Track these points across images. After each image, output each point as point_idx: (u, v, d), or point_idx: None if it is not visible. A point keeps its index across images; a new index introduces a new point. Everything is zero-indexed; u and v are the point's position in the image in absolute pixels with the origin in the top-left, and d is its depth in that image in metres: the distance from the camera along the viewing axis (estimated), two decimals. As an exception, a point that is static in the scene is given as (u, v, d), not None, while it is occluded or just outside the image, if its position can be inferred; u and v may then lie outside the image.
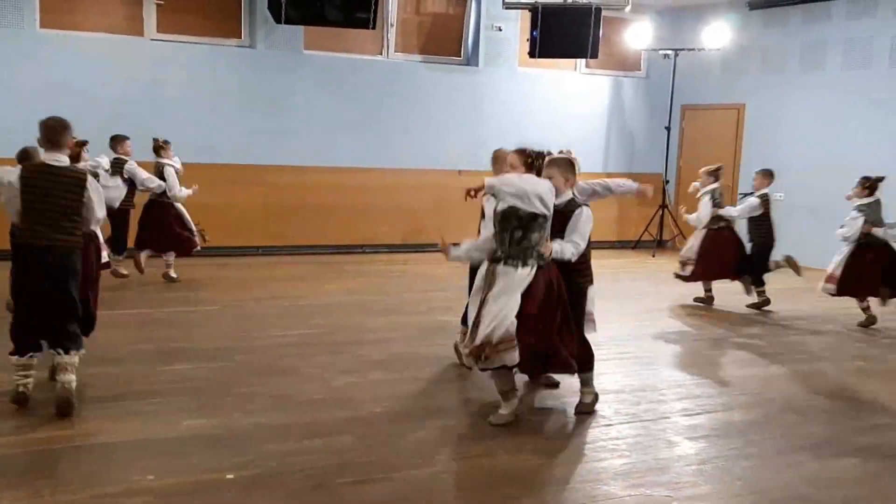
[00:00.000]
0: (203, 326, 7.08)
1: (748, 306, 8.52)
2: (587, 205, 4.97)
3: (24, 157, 5.59)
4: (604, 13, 10.61)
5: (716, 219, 8.52)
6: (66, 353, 4.76)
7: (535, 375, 5.40)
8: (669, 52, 12.56)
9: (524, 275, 4.58)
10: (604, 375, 6.05)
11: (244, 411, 4.91)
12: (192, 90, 10.54)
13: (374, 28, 10.22)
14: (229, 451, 4.30)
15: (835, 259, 7.95)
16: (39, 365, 4.94)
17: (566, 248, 4.74)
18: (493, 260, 4.71)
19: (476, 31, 12.19)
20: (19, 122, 6.99)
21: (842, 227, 7.87)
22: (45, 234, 4.63)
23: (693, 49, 12.37)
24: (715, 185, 8.59)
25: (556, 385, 5.58)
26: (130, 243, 8.68)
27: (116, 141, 8.53)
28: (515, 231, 4.58)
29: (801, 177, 11.00)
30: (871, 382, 6.11)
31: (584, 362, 4.97)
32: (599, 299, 5.25)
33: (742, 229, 8.75)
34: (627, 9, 10.80)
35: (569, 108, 12.76)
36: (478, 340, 4.53)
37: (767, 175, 8.54)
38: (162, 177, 8.54)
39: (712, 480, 4.23)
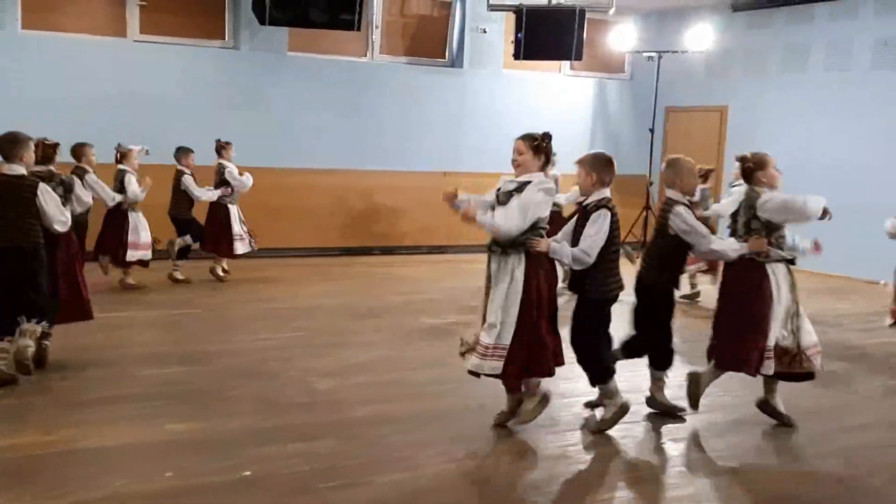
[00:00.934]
0: (184, 330, 7.04)
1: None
2: (608, 207, 4.75)
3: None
4: (588, 15, 10.64)
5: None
6: (28, 321, 5.31)
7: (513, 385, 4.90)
8: (653, 54, 12.60)
9: (517, 274, 4.55)
10: (586, 377, 6.07)
11: (227, 415, 4.89)
12: (176, 91, 10.49)
13: (358, 30, 10.20)
14: (212, 455, 4.28)
15: None
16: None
17: (564, 255, 4.64)
18: (491, 250, 4.70)
19: (461, 32, 12.20)
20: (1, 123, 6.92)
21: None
22: (5, 234, 5.28)
23: (676, 51, 12.43)
24: (704, 186, 8.64)
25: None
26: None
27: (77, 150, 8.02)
28: None
29: (784, 178, 11.06)
30: (852, 383, 6.16)
31: (599, 376, 4.91)
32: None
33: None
34: (611, 11, 10.85)
35: (553, 109, 12.78)
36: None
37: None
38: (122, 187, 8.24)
39: (694, 482, 4.25)
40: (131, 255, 8.28)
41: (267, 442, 4.49)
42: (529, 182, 4.56)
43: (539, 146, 4.66)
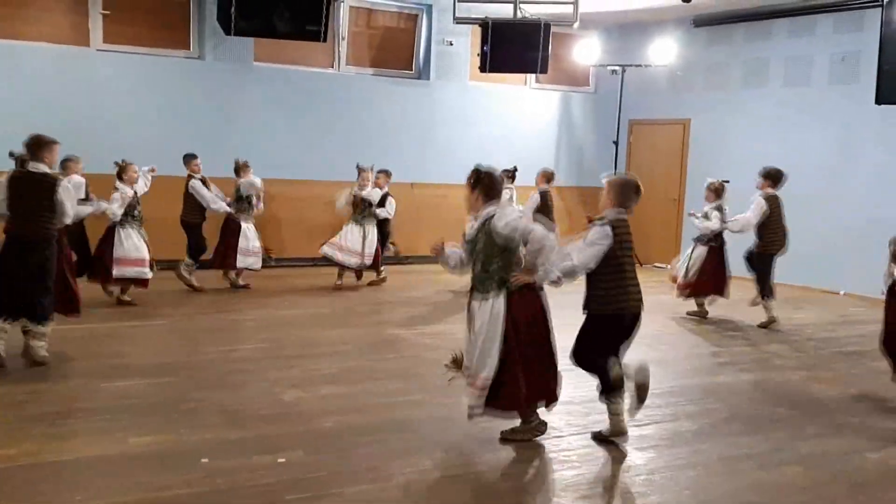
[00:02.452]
0: (149, 341, 6.96)
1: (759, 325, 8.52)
2: (611, 223, 4.73)
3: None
4: (553, 29, 10.73)
5: (717, 235, 8.68)
6: (34, 322, 5.92)
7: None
8: (617, 67, 12.77)
9: (496, 308, 4.59)
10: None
11: (192, 427, 4.84)
12: (140, 102, 10.39)
13: (325, 41, 10.15)
14: (177, 468, 4.23)
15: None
16: None
17: (551, 272, 4.62)
18: (470, 289, 4.78)
19: (427, 45, 12.25)
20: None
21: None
22: (23, 226, 5.86)
23: (640, 65, 12.60)
24: (720, 201, 8.70)
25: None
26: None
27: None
28: (480, 256, 4.66)
29: (744, 191, 11.26)
30: (815, 391, 6.26)
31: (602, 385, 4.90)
32: (554, 309, 5.17)
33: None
34: (576, 25, 10.96)
35: (519, 122, 12.89)
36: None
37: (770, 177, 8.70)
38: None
39: (661, 490, 4.29)
40: (118, 271, 8.07)
41: (233, 454, 4.44)
42: (493, 216, 4.61)
43: (473, 182, 4.73)
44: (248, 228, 9.46)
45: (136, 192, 8.28)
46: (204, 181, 9.29)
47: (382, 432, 4.91)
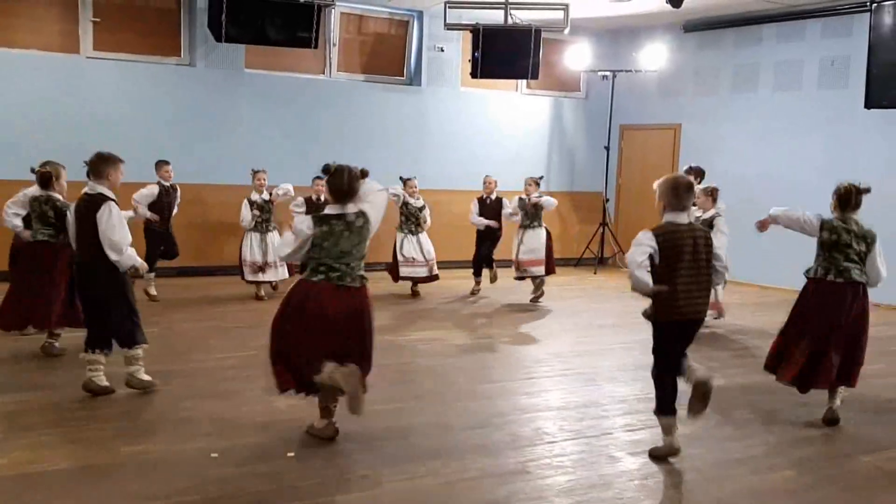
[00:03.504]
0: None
1: None
2: (654, 230, 4.65)
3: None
4: (544, 35, 10.77)
5: None
6: (92, 350, 5.54)
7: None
8: (608, 73, 12.81)
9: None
10: (547, 392, 6.12)
11: (184, 436, 4.82)
12: (130, 109, 10.36)
13: (316, 47, 10.21)
14: (170, 477, 4.21)
15: None
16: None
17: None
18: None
19: (418, 51, 12.27)
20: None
21: None
22: (83, 250, 5.53)
23: (630, 70, 12.64)
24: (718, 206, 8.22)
25: None
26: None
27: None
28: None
29: (734, 196, 11.31)
30: (807, 395, 6.26)
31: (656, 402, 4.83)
32: (542, 316, 5.21)
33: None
34: (566, 31, 10.99)
35: (510, 127, 12.91)
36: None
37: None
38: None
39: (654, 495, 4.29)
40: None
41: (225, 462, 4.42)
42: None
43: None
44: (251, 238, 9.50)
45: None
46: (171, 188, 9.23)
47: (376, 439, 4.90)
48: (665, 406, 4.74)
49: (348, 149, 11.66)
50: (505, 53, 10.79)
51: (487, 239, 10.16)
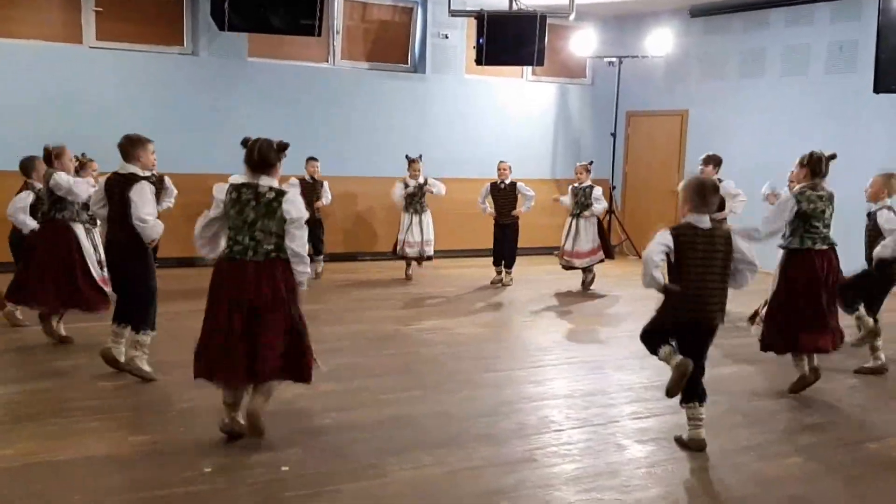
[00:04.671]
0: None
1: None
2: (671, 229, 4.65)
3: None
4: (549, 21, 10.68)
5: None
6: (136, 332, 5.69)
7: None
8: (614, 59, 12.72)
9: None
10: (553, 380, 6.10)
11: (189, 426, 4.82)
12: (133, 99, 10.33)
13: (319, 35, 10.12)
14: (175, 467, 4.20)
15: None
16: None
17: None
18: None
19: (423, 38, 12.20)
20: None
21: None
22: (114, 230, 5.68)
23: (637, 56, 12.55)
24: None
25: None
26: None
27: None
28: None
29: (741, 181, 11.25)
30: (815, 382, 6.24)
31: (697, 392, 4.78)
32: (548, 305, 5.19)
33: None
34: (572, 17, 10.90)
35: (516, 114, 12.85)
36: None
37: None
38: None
39: (661, 483, 4.27)
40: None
41: (230, 452, 4.42)
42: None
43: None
44: None
45: None
46: (157, 179, 8.86)
47: (381, 428, 4.89)
48: (658, 343, 4.73)
49: (352, 136, 11.66)
50: (510, 40, 10.72)
51: (503, 230, 10.03)
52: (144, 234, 5.51)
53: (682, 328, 4.68)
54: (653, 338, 4.79)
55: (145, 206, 5.49)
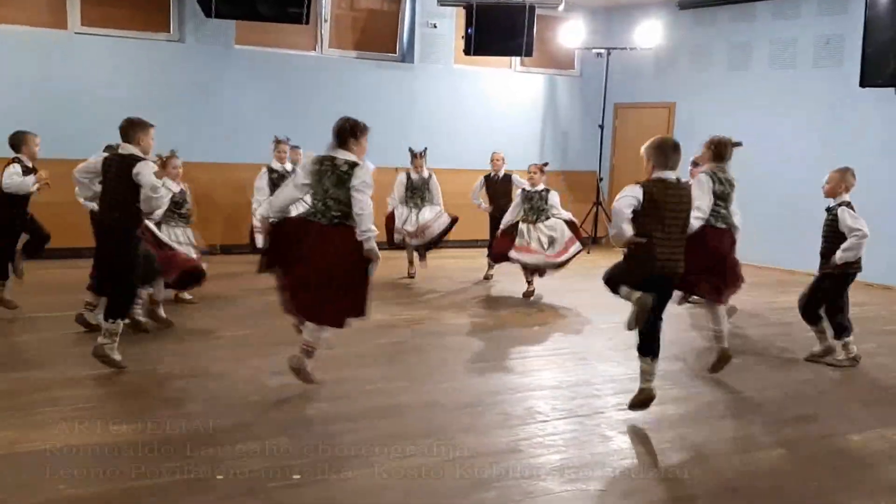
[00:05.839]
0: (130, 330, 6.88)
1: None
2: (641, 183, 4.84)
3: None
4: (538, 12, 10.69)
5: None
6: (107, 319, 5.61)
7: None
8: (602, 50, 12.73)
9: None
10: (539, 371, 6.12)
11: (175, 415, 4.80)
12: (119, 85, 10.24)
13: (307, 23, 10.10)
14: (160, 456, 4.19)
15: None
16: None
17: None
18: None
19: (411, 27, 12.16)
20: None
21: None
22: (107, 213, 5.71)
23: (625, 48, 12.56)
24: None
25: None
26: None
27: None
28: None
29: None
30: (796, 374, 6.29)
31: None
32: (535, 297, 5.21)
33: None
34: (561, 7, 10.91)
35: (504, 105, 12.84)
36: None
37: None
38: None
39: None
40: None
41: (216, 442, 4.41)
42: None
43: None
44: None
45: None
46: None
47: (367, 418, 4.89)
48: (642, 348, 4.98)
49: (340, 126, 11.60)
50: (499, 30, 10.73)
51: (499, 224, 9.25)
52: (155, 204, 5.65)
53: (648, 281, 4.81)
54: (615, 282, 4.98)
55: (153, 180, 5.57)
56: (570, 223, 8.79)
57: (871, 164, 10.29)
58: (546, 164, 9.08)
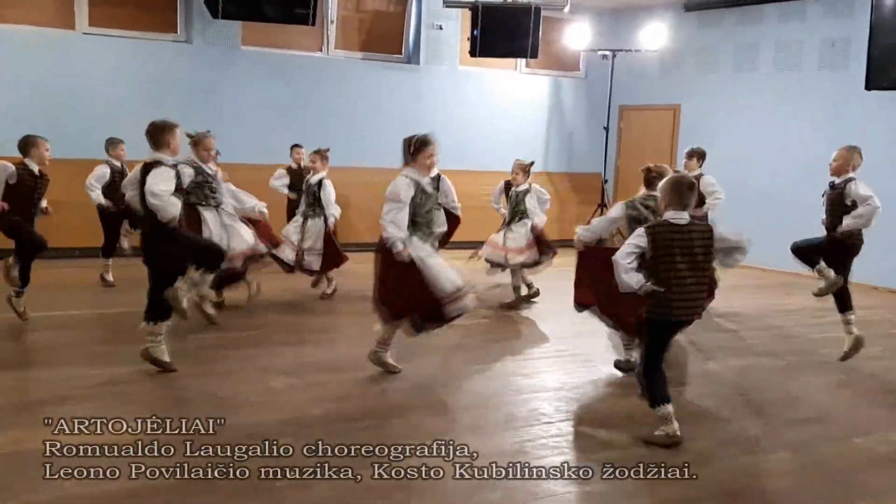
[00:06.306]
0: (132, 328, 6.88)
1: None
2: (650, 225, 4.65)
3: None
4: (543, 13, 10.69)
5: None
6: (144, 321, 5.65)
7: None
8: (607, 52, 12.72)
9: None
10: (543, 373, 6.13)
11: (180, 414, 4.80)
12: (126, 86, 10.28)
13: (313, 24, 10.11)
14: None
15: None
16: None
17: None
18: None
19: (417, 29, 12.17)
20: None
21: None
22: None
23: (630, 50, 12.56)
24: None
25: None
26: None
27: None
28: None
29: (733, 176, 11.29)
30: (800, 377, 6.29)
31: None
32: (540, 299, 5.21)
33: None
34: (566, 9, 10.91)
35: (509, 107, 12.84)
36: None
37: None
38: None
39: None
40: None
41: (221, 441, 4.42)
42: None
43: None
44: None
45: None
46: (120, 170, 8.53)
47: (372, 419, 4.90)
48: (660, 397, 4.67)
49: (345, 127, 11.63)
50: (504, 32, 10.72)
51: None
52: (159, 212, 5.33)
53: (665, 328, 4.65)
54: (651, 370, 4.69)
55: (158, 184, 5.33)
56: (535, 230, 8.33)
57: (876, 167, 10.26)
58: (532, 164, 8.64)
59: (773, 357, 6.86)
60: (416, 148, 5.45)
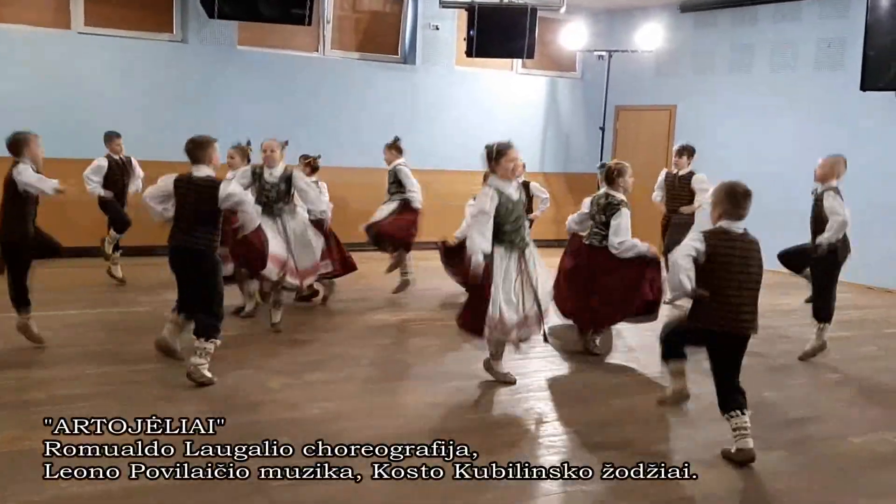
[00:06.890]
0: (130, 328, 6.89)
1: None
2: (704, 234, 4.49)
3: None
4: (539, 14, 10.70)
5: None
6: (199, 338, 5.42)
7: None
8: (603, 53, 12.74)
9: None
10: (541, 372, 6.13)
11: (177, 414, 4.80)
12: (121, 86, 10.26)
13: (309, 24, 10.09)
14: (161, 455, 4.18)
15: None
16: None
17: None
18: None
19: (413, 29, 12.17)
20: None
21: None
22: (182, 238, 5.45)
23: (626, 50, 12.58)
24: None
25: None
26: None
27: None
28: None
29: (729, 176, 11.31)
30: (797, 377, 6.31)
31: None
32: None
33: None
34: (562, 10, 10.91)
35: (505, 107, 12.85)
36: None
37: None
38: None
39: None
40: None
41: (221, 441, 4.41)
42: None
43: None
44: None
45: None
46: (124, 162, 8.67)
47: (368, 418, 4.90)
48: (674, 353, 4.67)
49: (341, 127, 11.62)
50: (500, 32, 10.72)
51: None
52: (248, 219, 5.65)
53: (713, 339, 4.50)
54: (674, 341, 4.67)
55: (240, 195, 5.52)
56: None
57: (871, 168, 10.32)
58: (523, 165, 8.45)
59: (770, 357, 6.88)
60: (497, 155, 5.38)
